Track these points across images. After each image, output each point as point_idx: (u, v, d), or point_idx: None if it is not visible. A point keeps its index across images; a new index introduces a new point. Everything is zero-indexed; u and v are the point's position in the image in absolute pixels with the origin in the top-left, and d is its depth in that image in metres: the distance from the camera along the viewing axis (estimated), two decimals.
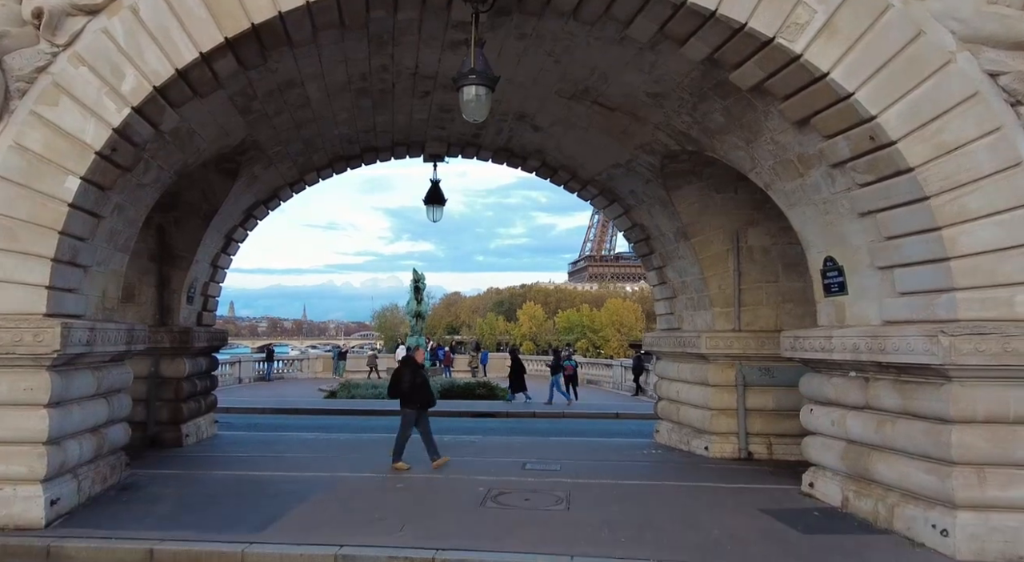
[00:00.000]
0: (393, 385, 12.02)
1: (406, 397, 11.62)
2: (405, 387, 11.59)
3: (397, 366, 12.46)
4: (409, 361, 12.15)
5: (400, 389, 11.68)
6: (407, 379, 11.64)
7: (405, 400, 11.65)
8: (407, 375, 11.71)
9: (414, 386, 11.58)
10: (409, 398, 11.59)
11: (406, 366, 12.04)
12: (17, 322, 7.77)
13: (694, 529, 8.07)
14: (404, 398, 11.65)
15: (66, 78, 8.05)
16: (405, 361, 12.34)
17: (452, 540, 7.55)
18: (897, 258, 8.01)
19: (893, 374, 8.08)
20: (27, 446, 7.88)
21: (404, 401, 11.67)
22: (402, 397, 11.68)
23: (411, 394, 11.56)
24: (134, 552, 7.16)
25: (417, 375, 11.74)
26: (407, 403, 11.63)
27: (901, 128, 7.45)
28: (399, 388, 11.71)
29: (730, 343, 12.44)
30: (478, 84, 8.48)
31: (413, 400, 11.59)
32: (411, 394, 11.56)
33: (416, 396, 11.59)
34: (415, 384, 11.61)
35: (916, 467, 7.68)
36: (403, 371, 11.92)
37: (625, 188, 13.93)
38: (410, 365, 11.99)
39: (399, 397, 11.76)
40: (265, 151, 12.58)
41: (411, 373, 11.73)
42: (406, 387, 11.59)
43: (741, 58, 8.14)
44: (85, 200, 8.27)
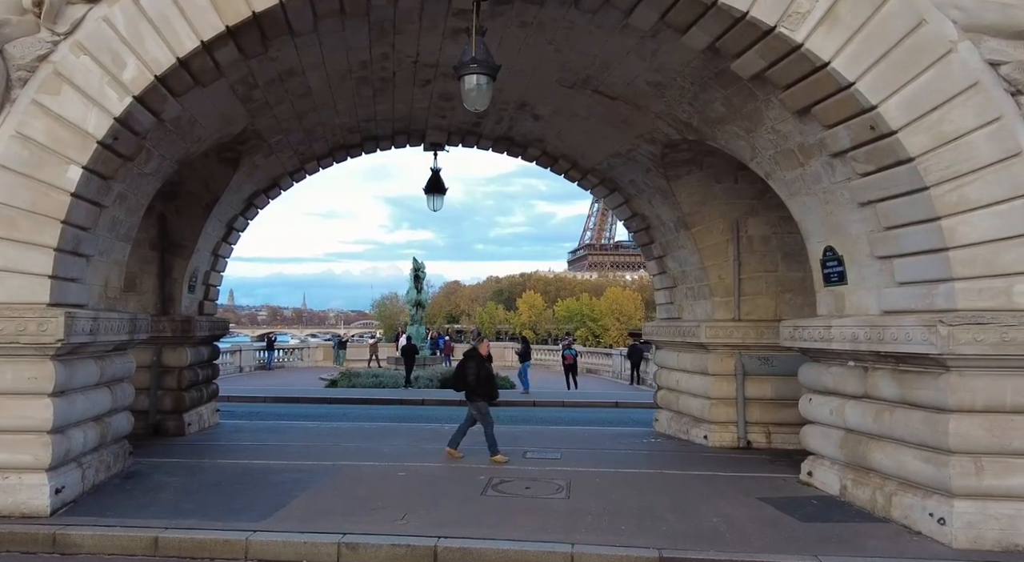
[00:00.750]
0: (458, 378, 11.84)
1: (472, 390, 11.47)
2: (471, 380, 11.44)
3: (461, 359, 12.17)
4: (474, 354, 11.94)
5: (466, 382, 11.52)
6: (472, 372, 11.48)
7: (471, 393, 11.51)
8: (472, 368, 11.54)
9: (480, 379, 11.45)
10: (476, 391, 11.46)
11: (471, 359, 11.81)
12: (21, 312, 7.80)
13: (693, 517, 8.13)
14: (470, 391, 11.51)
15: (67, 67, 8.05)
16: (470, 354, 12.10)
17: (454, 528, 7.61)
18: (896, 248, 8.03)
19: (892, 364, 8.13)
20: (32, 435, 7.93)
21: (470, 394, 11.53)
22: (468, 390, 11.52)
23: (477, 387, 11.43)
24: (139, 540, 7.22)
25: (483, 368, 11.58)
26: (473, 396, 11.50)
27: (901, 118, 7.45)
28: (465, 381, 11.55)
29: (730, 332, 12.49)
30: (479, 73, 8.48)
31: (480, 393, 11.46)
32: (477, 387, 11.43)
33: (482, 388, 11.47)
34: (481, 377, 11.47)
35: (914, 456, 7.74)
36: (468, 364, 11.70)
37: (625, 178, 13.93)
38: (475, 358, 11.76)
39: (464, 390, 11.60)
40: (266, 140, 12.58)
41: (476, 366, 11.55)
42: (472, 380, 11.44)
43: (742, 47, 8.13)
44: (87, 189, 8.28)
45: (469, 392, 11.54)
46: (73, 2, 8.04)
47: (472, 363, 11.64)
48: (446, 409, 20.36)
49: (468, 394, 11.60)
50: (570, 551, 7.03)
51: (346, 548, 7.13)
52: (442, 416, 18.27)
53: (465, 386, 11.56)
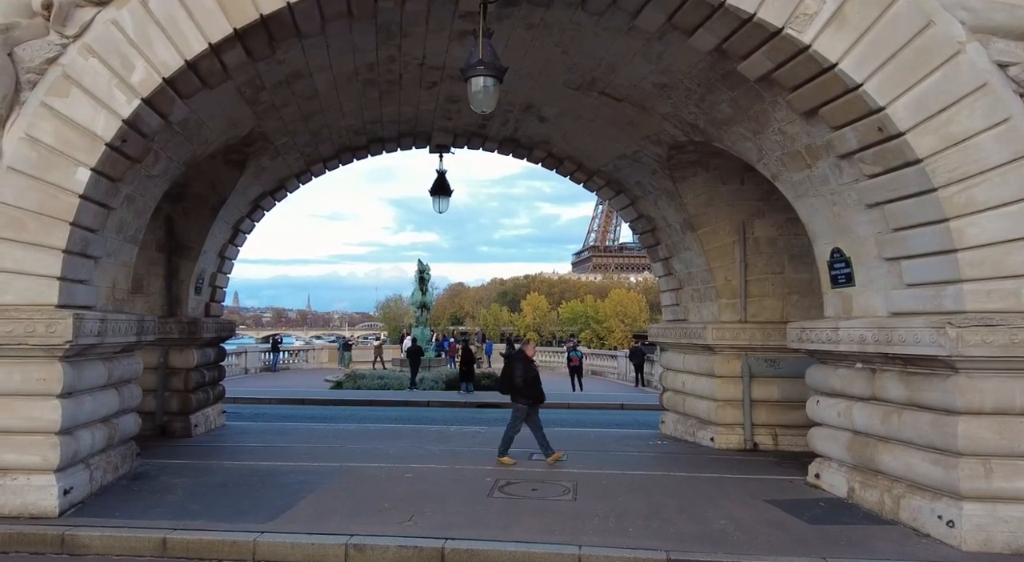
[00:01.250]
0: (505, 380, 11.67)
1: (519, 392, 11.31)
2: (518, 382, 11.28)
3: (507, 360, 11.92)
4: (520, 355, 11.77)
5: (513, 383, 11.36)
6: (519, 373, 11.31)
7: (518, 395, 11.35)
8: (519, 369, 11.37)
9: (527, 381, 11.30)
10: (522, 393, 11.29)
11: (518, 360, 11.62)
12: (30, 313, 7.83)
13: (701, 519, 8.12)
14: (517, 393, 11.35)
15: (76, 69, 8.08)
16: (516, 355, 11.90)
17: (461, 530, 7.61)
18: (904, 250, 8.02)
19: (900, 365, 8.11)
20: (40, 436, 7.96)
21: (516, 396, 11.38)
22: (515, 392, 11.37)
23: (524, 389, 11.27)
24: (147, 541, 7.23)
25: (529, 370, 11.42)
26: (519, 398, 11.34)
27: (909, 119, 7.44)
28: (511, 383, 11.39)
29: (736, 334, 12.47)
30: (486, 75, 8.48)
31: (526, 395, 11.30)
32: (524, 389, 11.27)
33: (529, 391, 11.31)
34: (528, 379, 11.31)
35: (922, 458, 7.71)
36: (515, 365, 11.52)
37: (631, 179, 13.93)
38: (522, 359, 11.59)
39: (511, 392, 11.44)
40: (273, 142, 12.61)
41: (523, 367, 11.39)
42: (519, 382, 11.27)
43: (749, 49, 8.12)
44: (95, 191, 8.32)
45: (515, 394, 11.36)
46: (82, 5, 8.08)
47: (519, 365, 11.45)
48: (452, 411, 20.40)
49: (513, 396, 11.41)
50: (577, 553, 7.03)
51: (353, 549, 7.13)
52: (448, 418, 18.29)
53: (512, 388, 11.38)
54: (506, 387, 11.60)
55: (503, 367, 12.20)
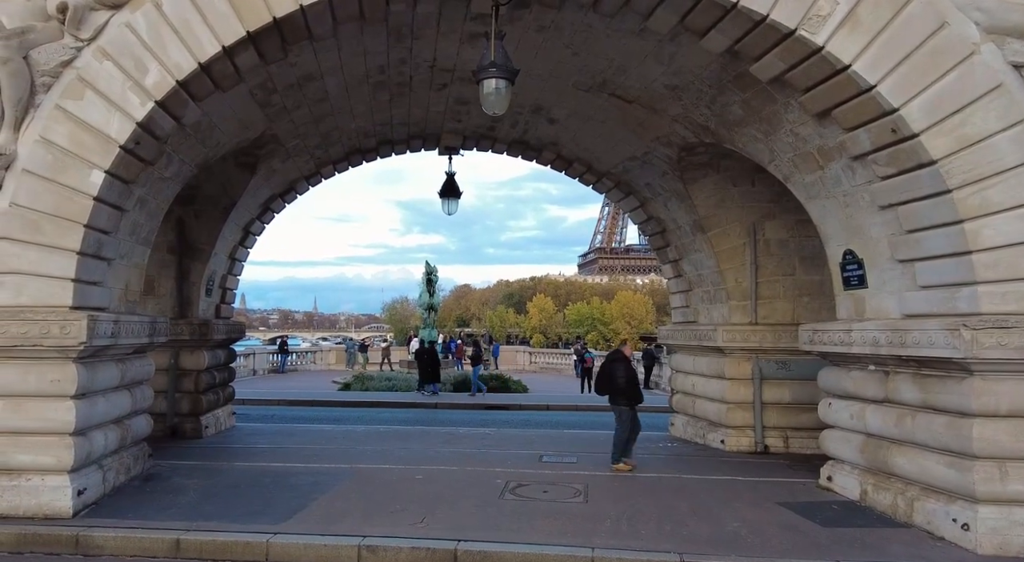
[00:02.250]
0: (605, 381, 11.24)
1: (622, 393, 10.99)
2: (621, 382, 10.98)
3: (605, 361, 11.51)
4: (620, 355, 11.39)
5: (615, 385, 11.03)
6: (622, 374, 11.03)
7: (620, 396, 11.03)
8: (621, 370, 11.07)
9: (629, 381, 11.04)
10: (625, 394, 10.99)
11: (618, 361, 11.23)
12: (44, 315, 7.87)
13: (713, 522, 8.10)
14: (619, 394, 11.02)
15: (90, 72, 8.13)
16: (616, 356, 11.44)
17: (473, 532, 7.61)
18: (918, 251, 7.98)
19: (913, 368, 8.07)
20: (54, 437, 7.99)
21: (618, 398, 11.05)
22: (617, 393, 11.03)
23: (627, 389, 11.00)
24: (161, 542, 7.26)
25: (629, 370, 11.16)
26: (621, 399, 11.02)
27: (923, 120, 7.42)
28: (613, 384, 11.05)
29: (747, 336, 12.43)
30: (498, 77, 8.49)
31: (629, 396, 11.01)
32: (627, 389, 11.00)
33: (632, 392, 11.04)
34: (630, 379, 11.06)
35: (937, 461, 7.67)
36: (615, 366, 11.16)
37: (641, 181, 13.92)
38: (621, 360, 11.26)
39: (611, 393, 11.11)
40: (283, 144, 12.64)
41: (625, 368, 11.11)
42: (622, 382, 10.98)
43: (762, 50, 8.11)
44: (109, 193, 8.35)
45: (616, 396, 11.06)
46: (96, 8, 8.12)
47: (620, 366, 11.13)
48: (460, 413, 20.41)
49: (613, 398, 11.12)
50: (590, 555, 7.02)
51: (366, 551, 7.14)
52: (456, 419, 18.30)
53: (612, 389, 11.08)
54: (606, 388, 11.21)
55: (601, 368, 11.67)
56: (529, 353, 47.96)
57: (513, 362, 43.29)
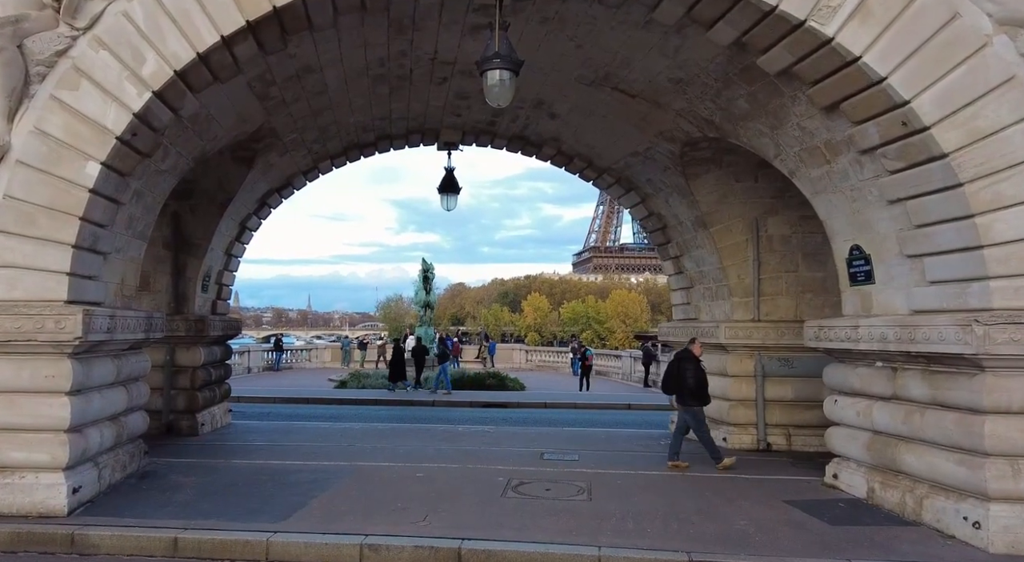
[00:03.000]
0: (673, 380, 10.96)
1: (692, 393, 10.74)
2: (691, 383, 10.71)
3: (673, 360, 11.21)
4: (689, 355, 11.03)
5: (685, 385, 10.76)
6: (691, 374, 10.76)
7: (689, 397, 10.77)
8: (691, 370, 10.79)
9: (699, 382, 10.76)
10: (695, 394, 10.75)
11: (687, 361, 10.93)
12: (39, 309, 7.71)
13: (720, 520, 7.98)
14: (689, 394, 10.76)
15: (86, 62, 7.96)
16: (685, 355, 11.07)
17: (476, 530, 7.48)
18: (927, 246, 7.88)
19: (922, 364, 7.97)
20: (49, 434, 7.83)
21: (688, 398, 10.80)
22: (687, 393, 10.77)
23: (697, 390, 10.75)
24: (159, 540, 7.11)
25: (699, 370, 10.87)
26: (691, 400, 10.78)
27: (935, 113, 7.30)
28: (683, 384, 10.78)
29: (749, 333, 12.33)
30: (502, 68, 8.36)
31: (699, 397, 10.75)
32: (697, 390, 10.75)
33: (702, 392, 10.77)
34: (700, 380, 10.78)
35: (946, 458, 7.57)
36: (684, 366, 10.87)
37: (642, 176, 13.80)
38: (690, 359, 10.95)
39: (679, 393, 10.86)
40: (281, 138, 12.49)
41: (695, 368, 10.83)
42: (692, 383, 10.71)
43: (770, 42, 7.99)
44: (105, 186, 8.19)
45: (686, 396, 10.81)
46: None
47: (689, 365, 10.86)
48: (458, 410, 20.28)
49: (682, 399, 10.88)
50: (596, 554, 6.90)
51: (368, 550, 7.00)
52: (454, 417, 18.17)
53: (682, 389, 10.82)
54: (674, 388, 10.97)
55: (669, 367, 11.32)
56: (525, 351, 47.86)
57: (509, 360, 43.18)
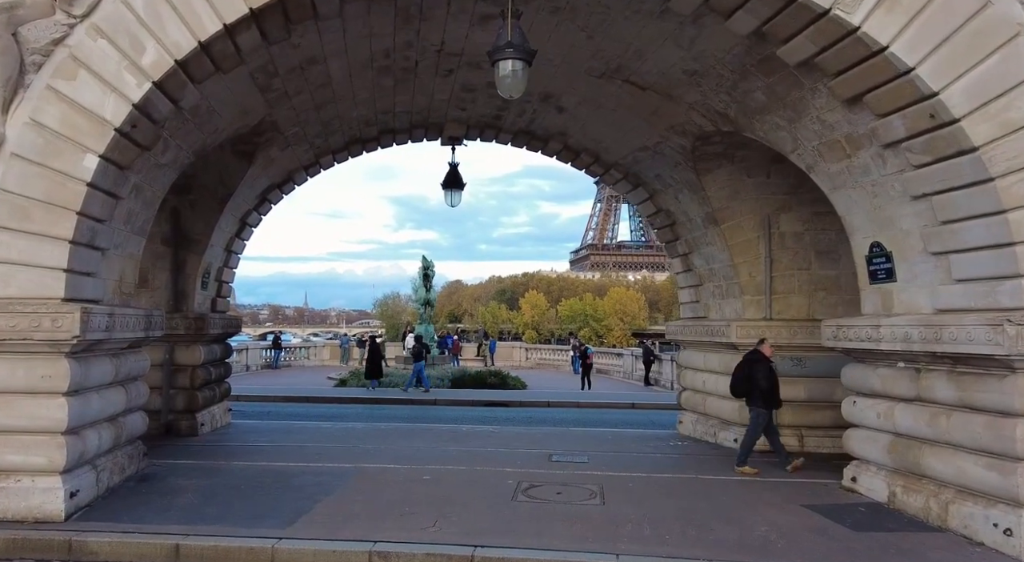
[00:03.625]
0: (743, 382, 10.55)
1: (763, 395, 10.32)
2: (763, 384, 10.28)
3: (743, 362, 10.72)
4: (759, 355, 10.57)
5: (757, 386, 10.35)
6: (763, 376, 10.32)
7: (760, 399, 10.37)
8: (762, 371, 10.37)
9: (772, 383, 10.33)
10: (765, 396, 10.32)
11: (759, 362, 10.50)
12: (35, 307, 7.43)
13: (739, 525, 7.74)
14: (760, 396, 10.35)
15: (84, 51, 7.68)
16: (755, 356, 10.61)
17: (489, 536, 7.22)
18: (954, 243, 7.62)
19: (948, 365, 7.72)
20: (46, 436, 7.56)
21: (758, 400, 10.40)
22: (758, 395, 10.38)
23: (769, 392, 10.30)
24: (159, 547, 6.85)
25: (771, 372, 10.44)
26: (760, 402, 10.37)
27: (965, 105, 7.04)
28: (755, 386, 10.36)
29: (761, 332, 11.98)
30: (515, 58, 8.09)
31: (769, 399, 10.34)
32: (769, 392, 10.30)
33: (773, 394, 10.35)
34: (772, 381, 10.33)
35: (974, 462, 7.32)
36: (756, 367, 10.45)
37: (651, 172, 13.54)
38: (762, 361, 10.50)
39: (751, 395, 10.50)
40: (283, 132, 12.20)
41: (766, 370, 10.40)
42: (764, 384, 10.28)
43: (792, 31, 7.71)
44: (104, 179, 7.92)
45: (756, 398, 10.39)
46: None
47: (761, 366, 10.43)
48: (460, 410, 20.03)
49: (752, 400, 10.48)
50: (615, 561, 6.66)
51: (378, 557, 6.75)
52: (456, 417, 17.91)
53: (755, 391, 10.39)
54: (743, 390, 10.59)
55: (738, 368, 10.81)
56: (525, 349, 47.60)
57: (509, 358, 42.93)
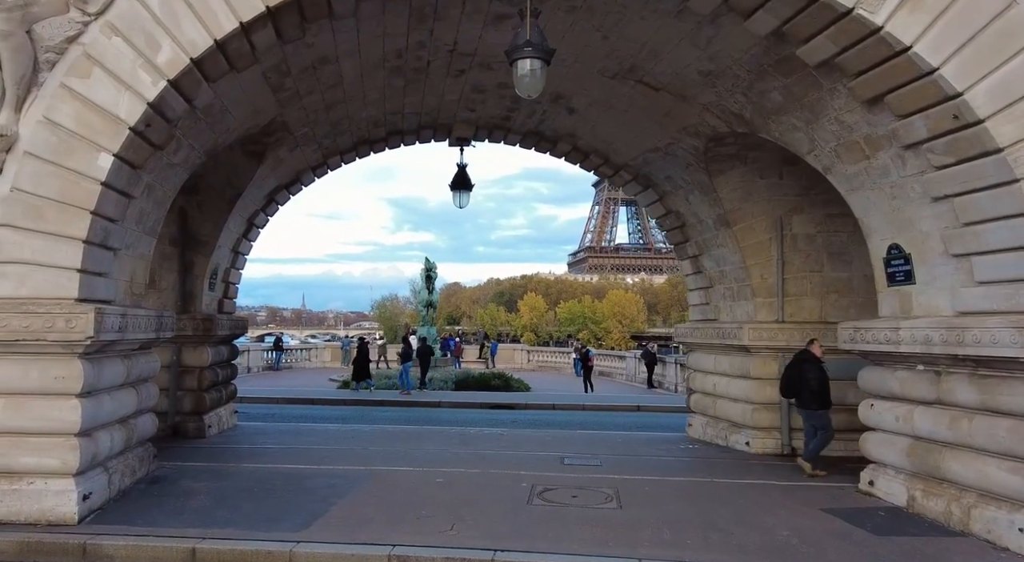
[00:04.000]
0: (794, 383, 10.43)
1: (816, 396, 10.17)
2: (814, 385, 10.15)
3: (793, 362, 10.62)
4: (810, 356, 10.45)
5: (808, 388, 10.22)
6: (815, 376, 10.19)
7: (813, 400, 10.22)
8: (813, 372, 10.24)
9: (823, 384, 10.14)
10: (818, 397, 10.17)
11: (808, 362, 10.37)
12: (48, 307, 7.34)
13: (760, 530, 7.65)
14: (813, 397, 10.20)
15: (98, 49, 7.61)
16: (805, 357, 10.48)
17: (507, 540, 7.14)
18: (976, 245, 7.56)
19: (970, 368, 7.66)
20: (59, 438, 7.46)
21: (810, 401, 10.26)
22: (809, 395, 10.24)
23: (821, 392, 10.16)
24: (176, 551, 6.76)
25: (822, 372, 10.26)
26: (815, 403, 10.21)
27: (989, 106, 6.98)
28: (806, 386, 10.23)
29: (774, 335, 12.00)
30: (533, 57, 8.02)
31: (822, 400, 10.16)
32: (821, 392, 10.16)
33: (826, 395, 10.17)
34: (823, 382, 10.15)
35: (998, 466, 7.25)
36: (806, 368, 10.31)
37: (661, 173, 13.48)
38: (812, 361, 10.38)
39: (801, 396, 10.37)
40: (292, 133, 12.12)
41: (817, 369, 10.25)
42: (816, 385, 10.14)
43: (813, 31, 7.66)
44: (118, 179, 7.84)
45: (807, 399, 10.29)
46: None
47: (812, 367, 10.31)
48: (465, 412, 19.94)
49: (803, 401, 10.38)
50: None
51: (397, 561, 6.66)
52: (463, 419, 17.80)
53: (803, 391, 10.32)
54: (794, 391, 10.50)
55: (788, 369, 10.74)
56: (527, 351, 47.50)
57: (511, 360, 42.85)
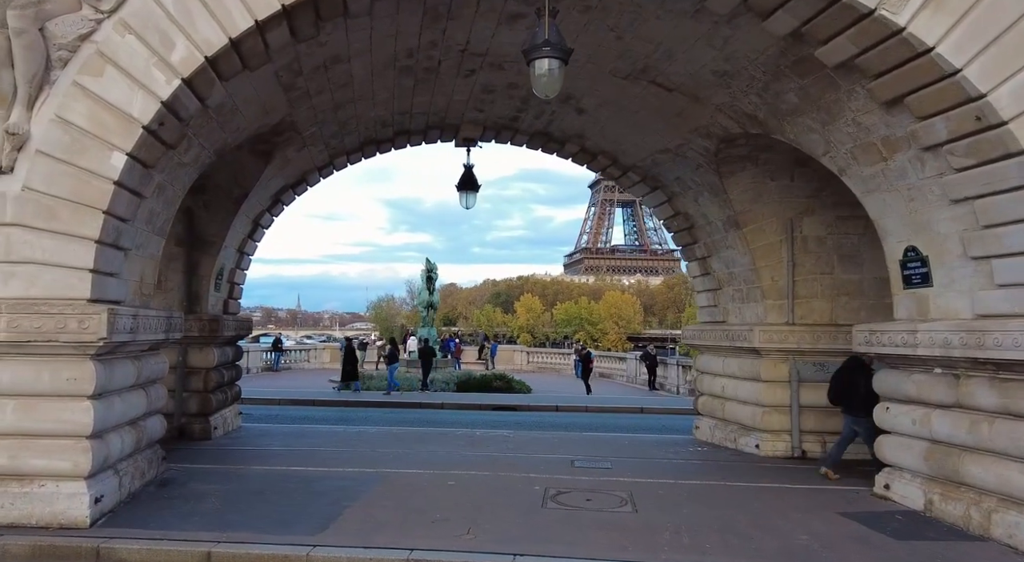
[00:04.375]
0: (843, 390, 10.23)
1: (864, 404, 9.77)
2: (863, 392, 9.83)
3: (842, 369, 10.38)
4: (858, 363, 10.12)
5: (856, 394, 9.97)
6: (863, 384, 9.84)
7: (861, 406, 9.86)
8: (863, 379, 9.91)
9: (870, 392, 9.68)
10: (866, 405, 9.72)
11: (856, 370, 10.07)
12: (60, 308, 7.25)
13: (779, 535, 7.58)
14: (861, 404, 9.84)
15: (111, 47, 7.52)
16: (854, 364, 10.19)
17: (525, 544, 7.07)
18: (997, 248, 7.51)
19: (990, 371, 7.60)
20: (70, 440, 7.36)
21: (859, 408, 9.93)
22: (858, 402, 9.93)
23: (868, 398, 9.69)
24: (191, 554, 6.67)
25: (869, 379, 9.78)
26: (863, 411, 9.80)
27: (1014, 107, 6.93)
28: (854, 392, 10.01)
29: (784, 337, 11.96)
30: (551, 57, 7.94)
31: (869, 408, 9.67)
32: (868, 398, 9.69)
33: (872, 402, 9.63)
34: (871, 390, 9.68)
35: (1019, 470, 7.19)
36: (856, 375, 10.05)
37: (670, 175, 13.42)
38: (861, 368, 10.07)
39: (848, 402, 10.15)
40: (301, 133, 12.03)
41: (866, 377, 9.87)
42: (863, 392, 9.81)
43: (832, 32, 7.61)
44: (130, 178, 7.75)
45: (856, 406, 10.02)
46: None
47: (860, 375, 10.01)
48: (468, 414, 19.88)
49: (851, 408, 10.17)
50: None
51: None
52: (467, 421, 17.72)
53: (852, 398, 10.09)
54: (842, 397, 10.29)
55: (836, 375, 10.46)
56: (526, 352, 47.45)
57: (510, 362, 42.77)
